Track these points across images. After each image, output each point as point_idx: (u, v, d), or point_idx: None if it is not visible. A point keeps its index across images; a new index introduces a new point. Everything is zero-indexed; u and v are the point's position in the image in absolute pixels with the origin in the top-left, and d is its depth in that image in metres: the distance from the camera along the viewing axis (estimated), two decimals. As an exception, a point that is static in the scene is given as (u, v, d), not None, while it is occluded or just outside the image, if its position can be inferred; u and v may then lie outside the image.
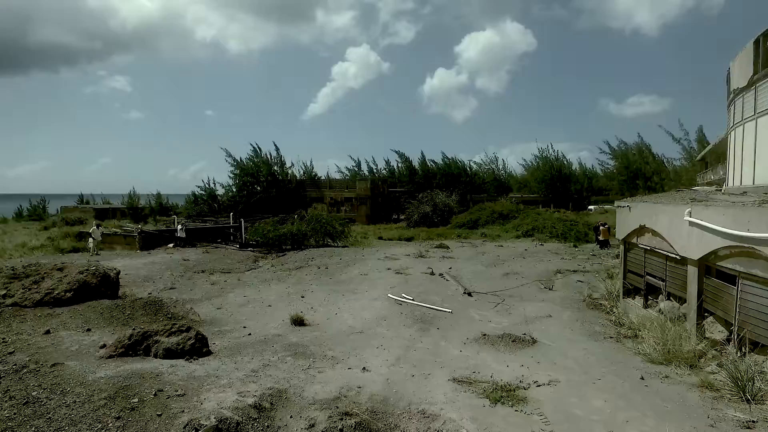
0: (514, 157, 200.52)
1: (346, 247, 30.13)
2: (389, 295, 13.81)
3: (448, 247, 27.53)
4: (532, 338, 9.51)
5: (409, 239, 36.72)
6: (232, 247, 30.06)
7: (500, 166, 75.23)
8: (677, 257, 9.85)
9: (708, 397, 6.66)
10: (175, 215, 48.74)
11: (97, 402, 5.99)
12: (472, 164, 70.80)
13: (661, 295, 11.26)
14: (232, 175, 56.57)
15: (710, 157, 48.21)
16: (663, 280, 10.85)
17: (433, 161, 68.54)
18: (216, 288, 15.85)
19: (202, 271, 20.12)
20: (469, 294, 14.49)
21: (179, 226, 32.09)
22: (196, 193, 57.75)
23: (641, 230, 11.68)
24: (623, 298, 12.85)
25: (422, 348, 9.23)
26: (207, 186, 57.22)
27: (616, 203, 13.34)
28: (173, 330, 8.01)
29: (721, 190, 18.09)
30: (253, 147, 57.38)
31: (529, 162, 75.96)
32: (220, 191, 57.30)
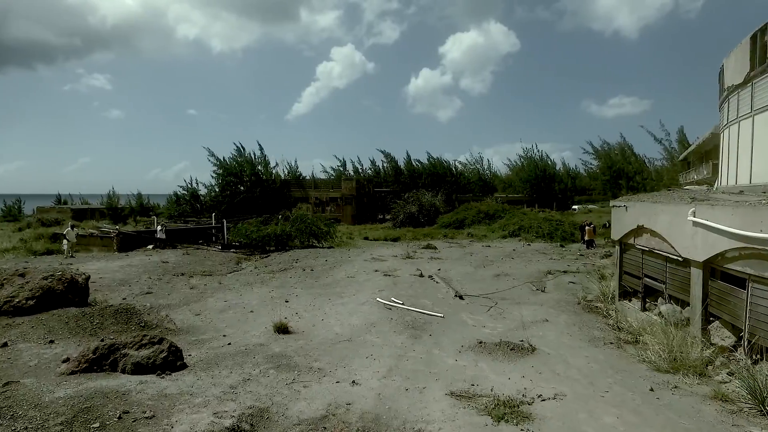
0: (499, 158, 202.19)
1: (332, 248, 29.46)
2: (378, 299, 13.20)
3: (435, 248, 27.04)
4: (531, 345, 8.98)
5: (396, 239, 36.27)
6: (214, 249, 29.17)
7: (485, 166, 75.29)
8: (679, 259, 9.44)
9: (725, 410, 6.18)
10: (155, 216, 47.53)
11: (52, 428, 5.28)
12: (457, 164, 70.79)
13: (660, 298, 10.88)
14: (214, 175, 55.69)
15: (693, 157, 48.71)
16: (663, 283, 10.45)
17: (419, 161, 68.39)
18: (195, 292, 15.07)
19: (182, 274, 19.29)
20: (461, 297, 13.97)
21: (159, 227, 31.09)
22: (179, 193, 56.80)
23: (639, 230, 11.27)
24: (619, 300, 12.46)
25: (415, 357, 8.64)
26: (189, 186, 56.34)
27: (612, 203, 12.93)
28: (144, 342, 7.28)
29: (711, 190, 17.89)
30: (237, 146, 56.61)
31: (514, 162, 76.50)
32: (203, 191, 56.41)
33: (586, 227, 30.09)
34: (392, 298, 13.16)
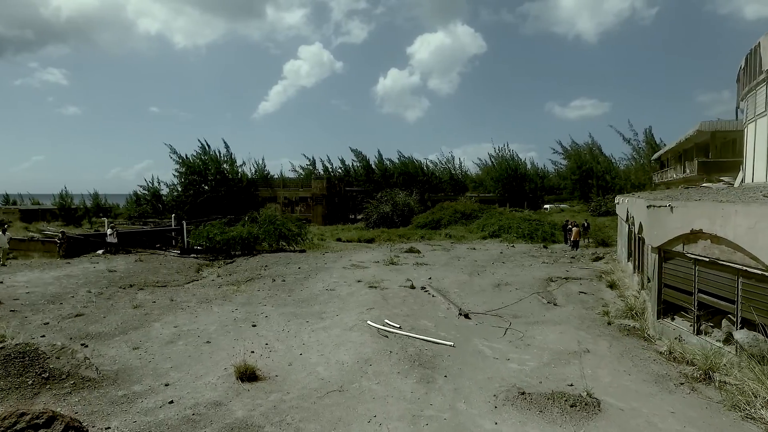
0: (467, 157, 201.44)
1: (304, 251, 26.73)
2: (368, 321, 10.61)
3: (419, 252, 24.71)
4: (593, 397, 6.57)
5: (370, 240, 34.10)
6: (173, 254, 26.02)
7: (457, 166, 73.85)
8: (765, 274, 7.35)
9: None
10: (105, 218, 43.58)
11: None
12: (428, 163, 69.27)
13: (724, 320, 8.81)
14: (177, 174, 51.92)
15: (669, 156, 48.21)
16: (731, 302, 8.36)
17: (390, 160, 66.51)
18: (138, 314, 12.12)
19: (130, 286, 16.26)
20: (466, 316, 11.62)
21: (109, 230, 27.63)
22: (139, 192, 53.09)
23: (693, 236, 9.16)
24: (658, 319, 10.37)
25: (436, 417, 6.16)
26: (151, 185, 52.59)
27: (650, 202, 10.83)
28: (19, 427, 4.55)
29: (733, 186, 16.19)
30: (201, 144, 53.03)
31: (484, 161, 75.48)
32: (165, 191, 52.78)
33: (573, 228, 28.52)
34: (386, 321, 10.62)
